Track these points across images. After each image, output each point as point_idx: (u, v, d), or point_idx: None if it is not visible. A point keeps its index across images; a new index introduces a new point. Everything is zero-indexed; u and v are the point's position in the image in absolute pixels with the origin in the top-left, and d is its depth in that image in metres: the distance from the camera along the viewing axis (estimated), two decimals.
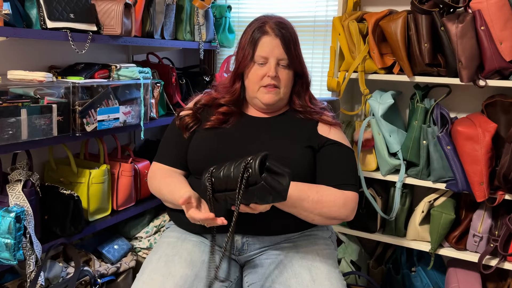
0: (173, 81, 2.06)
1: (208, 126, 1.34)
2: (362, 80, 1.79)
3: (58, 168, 1.75)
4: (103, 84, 1.63)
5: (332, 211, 1.23)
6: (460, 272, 1.82)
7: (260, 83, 1.31)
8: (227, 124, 1.35)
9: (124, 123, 1.71)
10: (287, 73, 1.32)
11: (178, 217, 1.36)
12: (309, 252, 1.27)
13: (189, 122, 1.36)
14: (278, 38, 1.29)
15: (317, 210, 1.22)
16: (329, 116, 1.39)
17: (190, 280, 1.18)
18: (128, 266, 1.79)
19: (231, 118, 1.36)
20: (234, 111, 1.37)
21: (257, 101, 1.35)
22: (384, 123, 1.77)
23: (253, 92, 1.34)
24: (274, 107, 1.36)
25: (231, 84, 1.38)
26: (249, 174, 1.00)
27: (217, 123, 1.34)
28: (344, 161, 1.32)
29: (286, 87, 1.34)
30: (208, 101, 1.40)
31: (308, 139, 1.32)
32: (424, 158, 1.74)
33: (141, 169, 1.89)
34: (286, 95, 1.35)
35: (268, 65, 1.30)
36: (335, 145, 1.32)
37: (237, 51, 1.36)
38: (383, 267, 1.99)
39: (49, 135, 1.46)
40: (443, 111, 1.71)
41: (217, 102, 1.38)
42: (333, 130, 1.36)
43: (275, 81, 1.30)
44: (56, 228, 1.56)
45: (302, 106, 1.38)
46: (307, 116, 1.37)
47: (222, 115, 1.35)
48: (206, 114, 1.38)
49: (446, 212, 1.73)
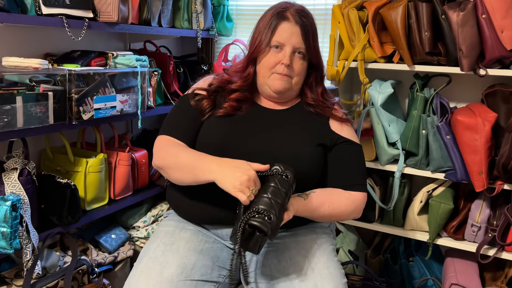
0: (170, 69, 2.04)
1: (221, 114, 1.30)
2: (362, 69, 1.77)
3: (54, 157, 1.73)
4: (99, 72, 1.61)
5: (342, 218, 1.29)
6: (457, 261, 1.83)
7: (272, 69, 1.28)
8: (240, 111, 1.31)
9: (121, 111, 1.69)
10: (301, 64, 1.29)
11: (178, 203, 1.34)
12: (307, 241, 1.27)
13: (207, 106, 1.31)
14: (298, 26, 1.25)
15: (328, 219, 1.28)
16: (340, 111, 1.37)
17: (188, 269, 1.18)
18: (125, 256, 1.78)
19: (244, 105, 1.32)
20: (247, 97, 1.33)
21: (267, 88, 1.32)
22: (384, 113, 1.76)
23: (264, 77, 1.30)
24: (283, 96, 1.33)
25: (243, 69, 1.34)
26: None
27: (230, 110, 1.30)
28: (355, 161, 1.32)
29: (298, 77, 1.30)
30: (221, 83, 1.35)
31: (320, 135, 1.31)
32: (423, 148, 1.73)
33: (139, 158, 1.88)
34: (297, 85, 1.32)
35: (284, 52, 1.26)
36: (347, 143, 1.31)
37: (253, 34, 1.32)
38: (380, 257, 1.99)
39: (45, 123, 1.44)
40: (442, 101, 1.70)
41: (229, 87, 1.33)
42: (345, 127, 1.34)
43: (288, 71, 1.27)
44: (53, 217, 1.55)
45: (314, 100, 1.35)
46: (318, 111, 1.34)
47: (235, 102, 1.31)
48: (220, 99, 1.33)
49: (444, 202, 1.72)
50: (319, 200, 1.19)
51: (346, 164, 1.31)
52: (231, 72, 1.38)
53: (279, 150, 1.26)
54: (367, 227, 1.91)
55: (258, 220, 1.04)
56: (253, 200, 1.07)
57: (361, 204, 1.29)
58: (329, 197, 1.24)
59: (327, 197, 1.24)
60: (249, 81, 1.33)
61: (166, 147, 1.28)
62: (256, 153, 1.24)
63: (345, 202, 1.26)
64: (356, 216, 1.30)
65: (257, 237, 1.06)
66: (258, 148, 1.26)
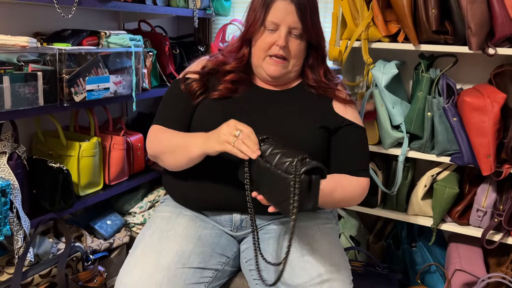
0: (166, 50, 1.97)
1: (216, 97, 1.23)
2: (366, 49, 1.70)
3: (46, 141, 1.67)
4: (92, 52, 1.53)
5: (351, 203, 1.24)
6: (461, 247, 1.79)
7: (267, 51, 1.21)
8: (236, 93, 1.24)
9: (115, 93, 1.62)
10: (298, 44, 1.21)
11: (174, 189, 1.29)
12: (310, 227, 1.22)
13: (197, 89, 1.24)
14: (293, 4, 1.17)
15: (338, 205, 1.25)
16: (343, 92, 1.30)
17: (185, 256, 1.13)
18: (121, 242, 1.74)
19: (240, 87, 1.25)
20: (243, 78, 1.26)
21: (262, 71, 1.25)
22: (388, 94, 1.69)
23: (258, 60, 1.24)
24: (281, 80, 1.27)
25: (237, 49, 1.27)
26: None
27: (226, 92, 1.23)
28: (359, 145, 1.26)
29: (296, 59, 1.23)
30: (215, 65, 1.28)
31: (322, 118, 1.24)
32: (428, 131, 1.67)
33: (134, 142, 1.82)
34: (295, 67, 1.25)
35: (279, 32, 1.19)
36: (352, 126, 1.25)
37: (247, 13, 1.25)
38: (383, 242, 1.95)
39: (35, 104, 1.38)
40: (449, 81, 1.64)
41: (224, 69, 1.26)
42: (349, 109, 1.28)
43: (284, 52, 1.20)
44: (45, 202, 1.50)
45: (316, 81, 1.27)
46: (321, 92, 1.27)
47: (230, 84, 1.24)
48: (214, 81, 1.27)
49: (449, 186, 1.68)
50: (331, 185, 1.13)
51: (351, 149, 1.25)
52: (225, 52, 1.31)
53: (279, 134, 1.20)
54: (369, 212, 1.86)
55: (309, 162, 0.92)
56: (270, 159, 0.97)
57: (366, 189, 1.25)
58: (339, 183, 1.19)
59: (338, 182, 1.19)
60: (243, 62, 1.26)
61: (158, 135, 1.24)
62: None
63: (355, 187, 1.21)
64: (360, 201, 1.26)
65: (315, 182, 0.93)
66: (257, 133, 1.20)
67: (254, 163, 1.01)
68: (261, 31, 1.21)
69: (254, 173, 1.02)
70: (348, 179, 1.21)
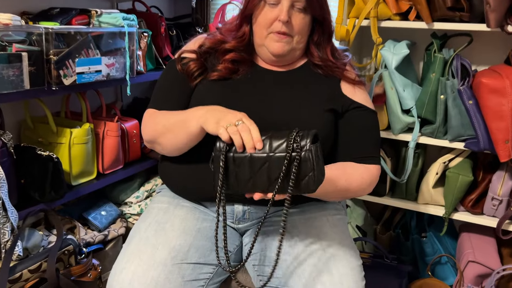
0: (162, 31, 1.86)
1: (215, 77, 1.14)
2: (375, 28, 1.59)
3: (35, 127, 1.58)
4: (82, 32, 1.43)
5: (358, 193, 1.13)
6: (474, 237, 1.71)
7: (269, 28, 1.11)
8: (237, 74, 1.15)
9: (108, 76, 1.52)
10: (302, 18, 1.11)
11: (171, 179, 1.20)
12: (317, 219, 1.13)
13: (195, 69, 1.15)
14: None
15: (343, 195, 1.13)
16: (352, 72, 1.20)
17: (184, 250, 1.04)
18: (117, 234, 1.65)
19: (241, 67, 1.16)
20: (244, 58, 1.16)
21: (265, 50, 1.15)
22: (398, 76, 1.59)
23: (260, 38, 1.14)
24: (285, 59, 1.17)
25: (237, 28, 1.17)
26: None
27: (226, 73, 1.14)
28: (369, 129, 1.16)
29: (300, 35, 1.13)
30: (213, 44, 1.18)
31: (330, 100, 1.14)
32: (441, 115, 1.57)
33: (129, 128, 1.72)
34: (300, 44, 1.15)
35: (280, 6, 1.09)
36: (361, 109, 1.15)
37: None
38: (391, 233, 1.87)
39: (20, 88, 1.28)
40: (464, 62, 1.53)
41: (223, 47, 1.16)
42: (358, 90, 1.18)
43: (287, 28, 1.10)
44: (34, 193, 1.41)
45: (322, 60, 1.18)
46: (328, 72, 1.17)
47: (231, 64, 1.14)
48: (213, 61, 1.17)
49: (463, 173, 1.59)
50: (333, 174, 1.03)
51: (360, 133, 1.16)
52: (224, 31, 1.21)
53: (283, 117, 1.11)
54: (377, 201, 1.77)
55: (307, 133, 0.89)
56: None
57: (376, 178, 1.16)
58: (344, 171, 1.09)
59: (341, 170, 1.09)
60: (245, 41, 1.17)
61: (154, 118, 1.14)
62: (257, 122, 1.08)
63: (362, 175, 1.11)
64: (369, 191, 1.16)
65: (320, 149, 0.88)
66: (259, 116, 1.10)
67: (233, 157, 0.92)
68: (261, 6, 1.11)
69: (232, 167, 0.93)
70: (355, 167, 1.12)
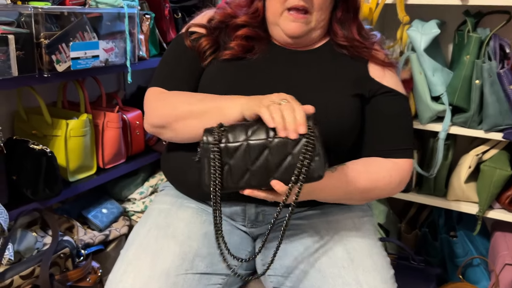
0: (166, 14, 1.71)
1: (228, 57, 1.00)
2: (401, 5, 1.43)
3: (29, 119, 1.45)
4: (76, 12, 1.30)
5: (383, 193, 0.98)
6: (510, 237, 1.55)
7: (284, 4, 0.96)
8: (253, 54, 1.01)
9: (106, 62, 1.39)
10: None
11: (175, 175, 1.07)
12: (341, 221, 0.99)
13: (207, 47, 1.02)
14: None
15: (366, 196, 0.97)
16: (381, 53, 1.05)
17: (189, 259, 0.91)
18: (119, 233, 1.53)
19: (257, 45, 1.02)
20: (259, 35, 1.02)
21: (278, 30, 1.01)
22: (428, 59, 1.43)
23: (274, 16, 0.99)
24: (302, 40, 1.02)
25: (249, 3, 1.03)
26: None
27: (239, 51, 1.00)
28: (400, 117, 1.01)
29: (321, 12, 0.98)
30: (224, 18, 1.04)
31: (356, 84, 0.99)
32: (476, 102, 1.41)
33: (131, 119, 1.59)
34: (320, 23, 1.00)
35: None
36: (390, 94, 1.00)
37: None
38: (417, 231, 1.72)
39: (7, 75, 1.15)
40: (503, 42, 1.37)
41: (234, 22, 1.02)
42: (387, 73, 1.03)
43: (306, 2, 0.95)
44: (26, 190, 1.29)
45: (348, 39, 1.03)
46: (354, 53, 1.03)
47: (245, 40, 1.00)
48: (224, 38, 1.03)
49: (500, 167, 1.43)
50: (354, 171, 0.90)
51: (389, 122, 1.01)
52: (234, 6, 1.07)
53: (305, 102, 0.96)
54: (403, 197, 1.62)
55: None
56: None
57: (408, 175, 1.01)
58: (366, 167, 0.95)
59: (363, 167, 0.95)
60: (258, 19, 1.03)
61: (166, 99, 0.98)
62: None
63: (390, 173, 0.96)
64: (399, 190, 1.01)
65: (319, 133, 0.79)
66: None
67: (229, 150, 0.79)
68: None
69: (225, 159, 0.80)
70: (381, 163, 0.97)
